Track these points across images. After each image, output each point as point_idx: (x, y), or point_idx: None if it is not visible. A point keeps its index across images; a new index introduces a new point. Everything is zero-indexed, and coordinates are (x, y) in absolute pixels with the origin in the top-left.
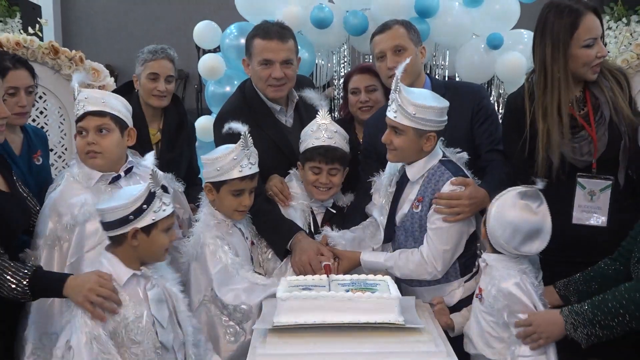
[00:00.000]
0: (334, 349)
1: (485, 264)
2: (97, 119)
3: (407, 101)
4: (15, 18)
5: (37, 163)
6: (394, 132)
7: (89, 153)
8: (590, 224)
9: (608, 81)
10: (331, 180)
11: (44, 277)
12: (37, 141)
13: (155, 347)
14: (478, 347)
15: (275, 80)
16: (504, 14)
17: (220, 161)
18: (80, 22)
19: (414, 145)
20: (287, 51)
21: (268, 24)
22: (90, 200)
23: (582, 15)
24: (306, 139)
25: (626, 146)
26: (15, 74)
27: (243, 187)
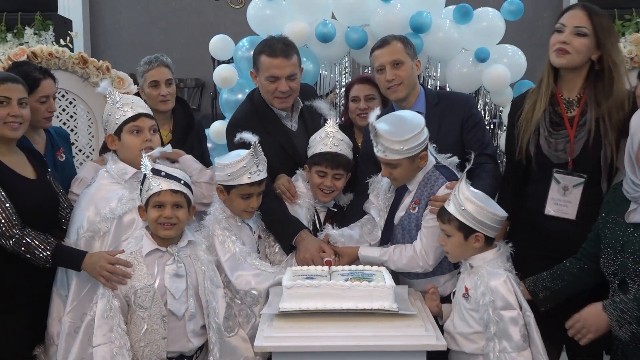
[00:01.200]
0: (334, 332)
1: (470, 266)
2: (150, 120)
3: (390, 141)
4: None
5: (61, 159)
6: (389, 166)
7: (146, 149)
8: (561, 215)
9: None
10: (335, 184)
11: (65, 251)
12: (59, 139)
13: (161, 314)
14: (460, 344)
15: (282, 93)
16: (490, 31)
17: (231, 168)
18: (107, 35)
19: (410, 168)
20: (292, 66)
21: (273, 40)
22: (127, 195)
23: (570, 8)
24: (314, 145)
25: (605, 156)
26: (45, 83)
27: (252, 191)
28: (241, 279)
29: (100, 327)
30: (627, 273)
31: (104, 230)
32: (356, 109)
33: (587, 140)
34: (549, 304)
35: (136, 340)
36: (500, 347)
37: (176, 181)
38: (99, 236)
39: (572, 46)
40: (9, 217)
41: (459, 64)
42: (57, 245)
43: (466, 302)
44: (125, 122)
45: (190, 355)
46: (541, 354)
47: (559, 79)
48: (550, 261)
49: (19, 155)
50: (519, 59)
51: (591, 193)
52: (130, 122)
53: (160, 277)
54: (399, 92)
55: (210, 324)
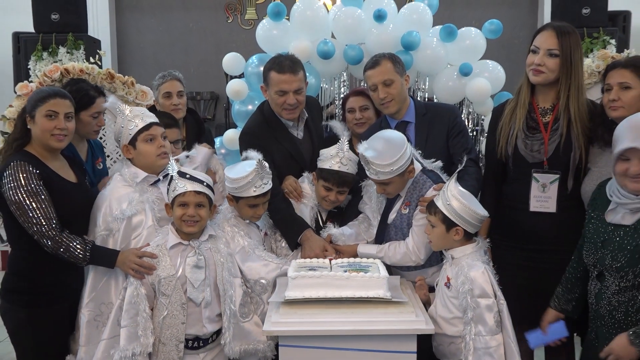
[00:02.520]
0: (334, 318)
1: (452, 257)
2: (160, 128)
3: (380, 165)
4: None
5: (99, 168)
6: (383, 184)
7: (160, 155)
8: (543, 210)
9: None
10: (338, 198)
11: (101, 250)
12: (97, 150)
13: (181, 301)
14: (442, 327)
15: (290, 106)
16: (473, 48)
17: (238, 182)
18: (132, 54)
19: (401, 183)
20: (298, 82)
21: (281, 58)
22: (137, 197)
23: (542, 29)
24: (325, 160)
25: (575, 158)
26: (99, 101)
27: (257, 202)
28: (251, 269)
29: (128, 311)
30: (605, 267)
31: (115, 229)
32: (352, 118)
33: (559, 142)
34: (580, 309)
35: (158, 324)
36: (475, 330)
37: (199, 183)
38: (113, 235)
39: (546, 66)
40: (48, 219)
41: (445, 78)
42: (93, 245)
43: (448, 290)
44: (139, 132)
45: (206, 339)
46: (511, 338)
47: (535, 90)
48: (530, 252)
49: (62, 162)
50: (499, 73)
51: (564, 188)
52: (144, 132)
53: (182, 268)
54: (391, 108)
55: (225, 311)
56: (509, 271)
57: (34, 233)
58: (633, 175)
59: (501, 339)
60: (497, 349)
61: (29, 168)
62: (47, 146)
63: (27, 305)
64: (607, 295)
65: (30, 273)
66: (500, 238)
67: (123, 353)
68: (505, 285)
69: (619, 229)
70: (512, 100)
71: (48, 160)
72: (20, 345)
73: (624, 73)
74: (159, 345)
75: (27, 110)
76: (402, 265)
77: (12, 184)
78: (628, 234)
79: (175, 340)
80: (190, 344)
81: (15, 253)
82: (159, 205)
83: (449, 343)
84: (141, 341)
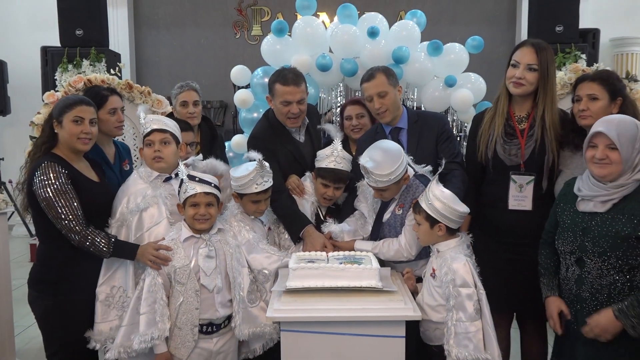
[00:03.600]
0: (331, 305)
1: (437, 251)
2: (161, 134)
3: (379, 175)
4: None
5: (126, 169)
6: (380, 190)
7: (154, 159)
8: (520, 208)
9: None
10: (335, 194)
11: (123, 244)
12: (124, 153)
13: (194, 289)
14: (428, 313)
15: (293, 115)
16: (457, 62)
17: (241, 180)
18: (149, 66)
19: (397, 188)
20: (301, 93)
21: (285, 71)
22: (150, 192)
23: (522, 45)
24: (322, 159)
25: (548, 161)
26: (112, 98)
27: (260, 198)
28: (255, 260)
29: (147, 299)
30: (585, 252)
31: (130, 220)
32: (349, 125)
33: (535, 147)
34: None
35: (174, 310)
36: (457, 317)
37: (208, 185)
38: (126, 225)
39: (526, 79)
40: (76, 216)
41: (432, 89)
42: (116, 240)
43: (433, 280)
44: (144, 137)
45: (219, 324)
46: (489, 324)
47: (512, 100)
48: (508, 246)
49: (85, 163)
50: (480, 85)
51: (539, 188)
52: (146, 137)
53: (195, 259)
54: (386, 117)
55: (235, 296)
56: (489, 263)
57: (62, 228)
58: (598, 160)
59: (480, 325)
60: (476, 334)
61: (58, 168)
62: (73, 149)
63: (53, 294)
64: (589, 279)
65: (56, 264)
66: (481, 233)
67: (142, 338)
68: (485, 276)
69: (595, 217)
70: (491, 109)
71: (73, 161)
72: (47, 330)
73: (592, 86)
74: (175, 330)
75: (54, 115)
76: (395, 260)
77: (43, 182)
78: (606, 221)
79: (190, 325)
80: (205, 329)
81: (44, 246)
82: (171, 200)
83: (434, 328)
84: (159, 326)
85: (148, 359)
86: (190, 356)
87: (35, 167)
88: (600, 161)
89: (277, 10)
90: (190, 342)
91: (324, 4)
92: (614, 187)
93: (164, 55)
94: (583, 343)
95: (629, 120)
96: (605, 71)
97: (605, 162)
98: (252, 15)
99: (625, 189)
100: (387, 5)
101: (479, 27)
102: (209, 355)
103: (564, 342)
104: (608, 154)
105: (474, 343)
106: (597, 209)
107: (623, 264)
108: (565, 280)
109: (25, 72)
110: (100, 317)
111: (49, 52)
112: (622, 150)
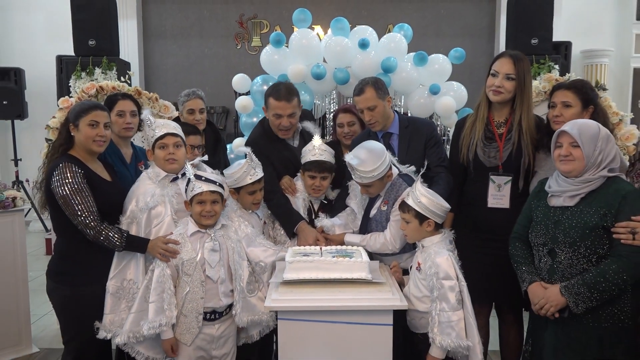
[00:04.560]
0: (324, 295)
1: (422, 246)
2: (174, 137)
3: (363, 172)
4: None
5: (141, 170)
6: (366, 186)
7: (168, 160)
8: (499, 207)
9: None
10: (322, 183)
11: (135, 239)
12: (141, 154)
13: (200, 280)
14: (414, 304)
15: (284, 127)
16: (441, 71)
17: (236, 174)
18: (157, 74)
19: (381, 185)
20: (292, 108)
21: (280, 85)
22: (158, 192)
23: (501, 56)
24: (305, 155)
25: (524, 163)
26: (122, 102)
27: (255, 188)
28: (252, 253)
29: (156, 288)
30: (557, 244)
31: (139, 217)
32: (341, 132)
33: (512, 150)
34: None
35: (181, 299)
36: (440, 307)
37: (213, 183)
38: (136, 222)
39: (504, 88)
40: (91, 212)
41: (417, 96)
42: (128, 235)
43: (418, 273)
44: (156, 140)
45: (221, 312)
46: (470, 314)
47: (491, 107)
48: (488, 242)
49: (99, 164)
50: (462, 92)
51: (516, 188)
52: (159, 140)
53: (201, 252)
54: (376, 127)
55: (236, 287)
56: (470, 257)
57: (79, 223)
58: (563, 157)
59: (462, 315)
60: (457, 322)
61: (74, 168)
62: (89, 150)
63: (70, 284)
64: (561, 268)
65: (73, 257)
66: (462, 229)
67: (151, 324)
68: (467, 269)
69: (566, 210)
70: (472, 115)
71: (88, 162)
72: (65, 318)
73: (566, 93)
74: (181, 317)
75: (70, 119)
76: (381, 253)
77: (61, 181)
78: (576, 214)
79: (195, 313)
80: (208, 317)
81: (61, 240)
82: (177, 199)
83: (419, 317)
84: (167, 314)
85: (155, 343)
86: (195, 341)
87: (53, 167)
88: (564, 158)
89: (275, 23)
90: (195, 328)
91: (319, 18)
92: (581, 183)
93: (171, 64)
94: (553, 328)
95: (592, 123)
96: (580, 81)
97: (569, 158)
98: (252, 28)
99: (592, 184)
100: (377, 19)
101: (461, 39)
102: (211, 340)
103: (536, 328)
104: (571, 151)
105: (456, 331)
106: (567, 203)
107: (591, 253)
108: (538, 270)
109: (42, 80)
110: (110, 308)
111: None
112: (583, 147)
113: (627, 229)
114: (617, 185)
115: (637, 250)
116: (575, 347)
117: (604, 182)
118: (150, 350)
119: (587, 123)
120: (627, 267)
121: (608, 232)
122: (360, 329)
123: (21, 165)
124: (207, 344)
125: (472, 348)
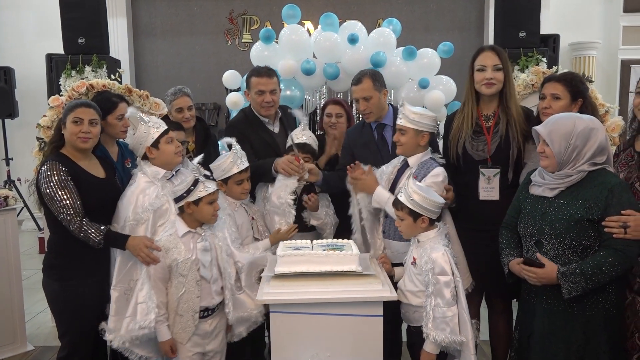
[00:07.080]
0: (315, 288)
1: (418, 241)
2: (177, 132)
3: (408, 110)
4: (102, 68)
5: (128, 167)
6: (400, 131)
7: (177, 153)
8: (489, 198)
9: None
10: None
11: (113, 235)
12: (127, 152)
13: (195, 280)
14: (409, 298)
15: (267, 103)
16: (430, 65)
17: (223, 165)
18: (147, 71)
19: (414, 140)
20: (273, 84)
21: (259, 67)
22: (160, 192)
23: (482, 51)
24: (295, 136)
25: (513, 154)
26: (121, 105)
27: (242, 177)
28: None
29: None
30: (543, 235)
31: (145, 218)
32: (328, 121)
33: (500, 142)
34: None
35: (175, 300)
36: (435, 302)
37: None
38: (142, 223)
39: (496, 79)
40: (75, 209)
41: (407, 90)
42: (107, 231)
43: (414, 268)
44: (162, 135)
45: (213, 308)
46: (464, 310)
47: (479, 101)
48: (479, 232)
49: (93, 160)
50: (451, 86)
51: (505, 179)
52: (164, 135)
53: (194, 252)
54: (370, 118)
55: (226, 285)
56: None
57: (62, 220)
58: (540, 154)
59: (456, 310)
60: (452, 318)
61: (59, 166)
62: (75, 147)
63: (59, 279)
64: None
65: (63, 252)
66: (455, 221)
67: (142, 324)
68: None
69: (553, 203)
70: (460, 110)
71: (78, 159)
72: (56, 312)
73: (556, 86)
74: (177, 317)
75: (62, 118)
76: None
77: (46, 179)
78: (562, 206)
79: (192, 312)
80: (201, 314)
81: (53, 236)
82: None
83: (414, 311)
84: (156, 311)
85: (149, 342)
86: (191, 338)
87: (41, 165)
88: (541, 154)
89: (265, 19)
90: (191, 327)
91: (308, 13)
92: (561, 177)
93: (161, 61)
94: (541, 316)
95: (567, 119)
96: (570, 73)
97: (543, 155)
98: (242, 24)
99: (573, 178)
100: (366, 14)
101: (450, 33)
102: (205, 335)
103: (524, 315)
104: (545, 149)
105: (450, 327)
106: (546, 194)
107: (577, 245)
108: None
109: (32, 78)
110: (115, 311)
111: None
112: (553, 146)
113: (618, 223)
114: (602, 178)
115: (632, 243)
116: (561, 335)
117: (589, 175)
118: (144, 350)
119: (562, 119)
120: (622, 260)
121: (593, 224)
122: (352, 320)
123: (12, 164)
124: (202, 340)
125: (465, 343)
